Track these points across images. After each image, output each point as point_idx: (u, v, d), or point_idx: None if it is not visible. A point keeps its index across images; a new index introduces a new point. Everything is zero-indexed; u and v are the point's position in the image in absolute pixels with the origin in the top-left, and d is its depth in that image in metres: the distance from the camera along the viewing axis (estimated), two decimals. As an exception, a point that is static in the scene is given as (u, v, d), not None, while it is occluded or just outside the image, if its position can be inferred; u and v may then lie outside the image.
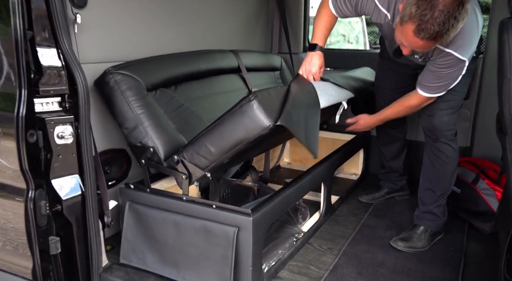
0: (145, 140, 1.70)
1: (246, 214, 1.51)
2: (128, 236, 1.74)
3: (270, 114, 1.42)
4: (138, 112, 1.71)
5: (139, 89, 1.75)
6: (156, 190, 1.71)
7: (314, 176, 2.04)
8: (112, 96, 1.70)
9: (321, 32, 1.87)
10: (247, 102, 1.44)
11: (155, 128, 1.73)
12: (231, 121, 1.48)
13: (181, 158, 1.62)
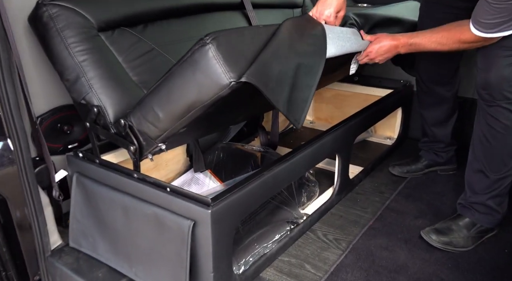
0: (88, 96, 1.30)
1: (204, 204, 1.10)
2: (77, 216, 1.41)
3: (234, 65, 0.95)
4: (79, 59, 1.29)
5: (83, 27, 1.32)
6: (106, 162, 1.34)
7: (323, 145, 1.56)
8: (47, 37, 1.29)
9: None
10: (200, 46, 0.97)
11: (103, 81, 1.32)
12: (179, 75, 1.03)
13: (129, 123, 1.21)
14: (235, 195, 1.16)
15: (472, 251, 1.46)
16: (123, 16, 1.45)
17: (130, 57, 1.44)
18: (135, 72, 1.44)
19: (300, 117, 1.09)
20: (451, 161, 1.99)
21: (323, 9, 1.38)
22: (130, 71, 1.42)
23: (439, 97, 1.82)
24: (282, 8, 2.19)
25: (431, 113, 1.87)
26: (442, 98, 1.81)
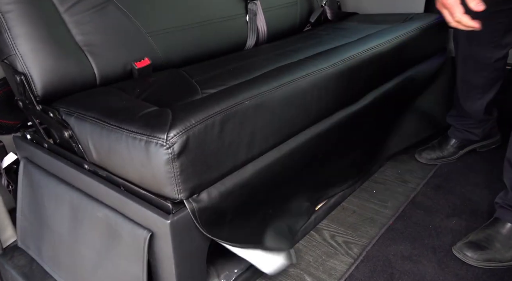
0: (12, 58, 1.03)
1: (163, 211, 0.82)
2: (24, 211, 1.16)
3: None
4: (3, 8, 1.01)
5: None
6: (55, 147, 1.07)
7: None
8: None
9: None
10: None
11: (34, 43, 1.03)
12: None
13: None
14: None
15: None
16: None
17: (75, 9, 1.15)
18: (81, 31, 1.15)
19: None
20: (492, 134, 1.66)
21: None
22: (73, 28, 1.13)
23: (484, 63, 1.45)
24: None
25: (468, 83, 1.52)
26: (488, 65, 1.45)
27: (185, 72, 1.23)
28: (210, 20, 1.49)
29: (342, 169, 1.38)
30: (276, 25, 1.75)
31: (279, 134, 1.04)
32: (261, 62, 1.29)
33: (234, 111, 0.90)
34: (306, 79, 1.09)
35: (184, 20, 1.40)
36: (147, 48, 1.29)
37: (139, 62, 1.23)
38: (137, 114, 0.88)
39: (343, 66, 1.22)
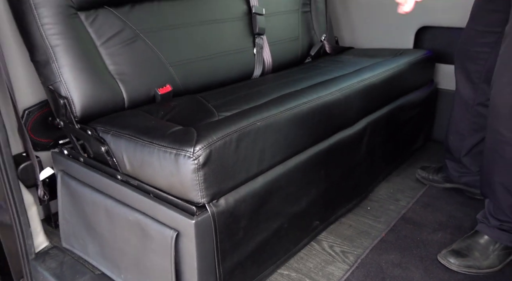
0: (57, 85, 1.21)
1: (187, 213, 0.98)
2: (66, 216, 1.32)
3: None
4: (52, 42, 1.19)
5: (61, 6, 1.21)
6: (90, 160, 1.23)
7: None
8: (19, 11, 1.19)
9: None
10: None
11: (76, 71, 1.22)
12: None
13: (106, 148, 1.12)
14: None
15: (499, 272, 1.29)
16: (106, -7, 1.34)
17: (109, 43, 1.33)
18: (113, 61, 1.33)
19: None
20: (474, 185, 1.66)
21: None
22: (107, 59, 1.31)
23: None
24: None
25: (453, 115, 1.65)
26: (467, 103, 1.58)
27: (202, 97, 1.41)
28: (223, 53, 1.68)
29: (345, 188, 1.53)
30: (280, 57, 1.94)
31: (285, 151, 1.20)
32: (268, 89, 1.46)
33: (248, 130, 1.07)
34: (307, 105, 1.26)
35: (200, 52, 1.59)
36: (168, 76, 1.47)
37: (162, 89, 1.41)
38: (166, 132, 1.05)
39: (340, 94, 1.41)
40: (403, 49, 2.05)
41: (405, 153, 1.97)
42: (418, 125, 2.00)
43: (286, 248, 1.30)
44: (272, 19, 1.91)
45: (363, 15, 2.24)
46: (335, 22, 2.34)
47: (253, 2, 1.82)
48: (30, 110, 1.40)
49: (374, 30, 2.22)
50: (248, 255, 1.13)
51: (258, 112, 1.15)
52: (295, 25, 2.04)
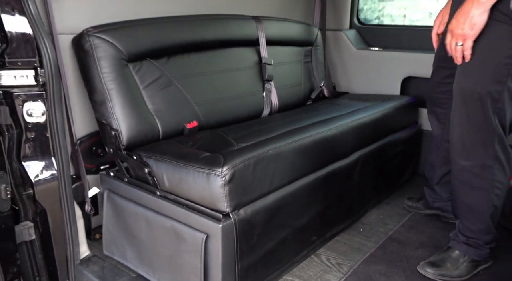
0: (109, 120, 1.52)
1: (215, 219, 1.25)
2: (109, 227, 1.59)
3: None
4: (108, 86, 1.52)
5: (116, 59, 1.55)
6: (133, 180, 1.52)
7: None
8: (85, 62, 1.53)
9: None
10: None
11: (124, 110, 1.54)
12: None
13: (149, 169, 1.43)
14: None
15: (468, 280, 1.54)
16: (149, 49, 1.67)
17: (150, 87, 1.66)
18: (152, 101, 1.65)
19: None
20: (449, 211, 1.88)
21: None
22: (147, 98, 1.64)
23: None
24: (295, 45, 2.38)
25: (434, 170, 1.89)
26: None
27: (222, 132, 1.72)
28: (238, 95, 2.01)
29: (340, 210, 1.80)
30: (285, 100, 2.27)
31: (291, 175, 1.49)
32: (277, 126, 1.78)
33: (262, 157, 1.36)
34: (310, 139, 1.57)
35: (220, 95, 1.92)
36: (194, 114, 1.79)
37: (189, 124, 1.73)
38: (199, 157, 1.35)
39: (337, 131, 1.72)
40: (391, 95, 2.39)
41: (393, 184, 2.26)
42: (404, 160, 2.29)
43: (290, 257, 1.56)
44: (279, 68, 2.25)
45: (357, 65, 2.60)
46: (332, 70, 2.69)
47: (263, 54, 2.18)
48: (81, 140, 1.70)
49: (366, 78, 2.57)
50: (260, 258, 1.40)
51: (270, 143, 1.46)
52: (298, 73, 2.39)
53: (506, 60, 1.26)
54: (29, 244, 1.55)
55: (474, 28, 1.23)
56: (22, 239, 1.50)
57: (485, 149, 1.37)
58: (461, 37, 1.27)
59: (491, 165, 1.38)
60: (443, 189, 1.90)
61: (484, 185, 1.43)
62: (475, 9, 1.22)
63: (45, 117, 1.44)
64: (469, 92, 1.34)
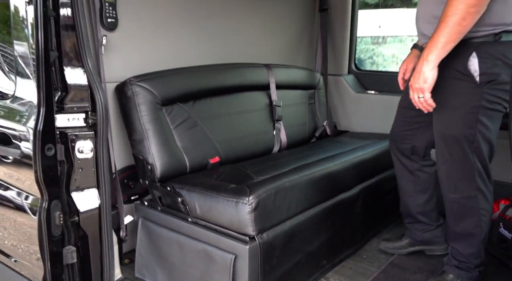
0: (146, 155, 1.75)
1: (242, 241, 1.46)
2: (142, 252, 1.77)
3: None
4: (146, 127, 1.76)
5: (153, 103, 1.80)
6: (166, 208, 1.73)
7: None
8: (127, 107, 1.78)
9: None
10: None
11: (159, 147, 1.78)
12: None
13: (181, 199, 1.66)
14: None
15: (461, 300, 1.74)
16: (179, 95, 1.94)
17: (179, 127, 1.90)
18: (180, 139, 1.89)
19: None
20: (438, 241, 2.00)
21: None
22: (177, 137, 1.87)
23: (413, 173, 1.92)
24: (300, 89, 2.66)
25: (406, 187, 1.97)
26: (418, 174, 1.92)
27: (241, 166, 1.95)
28: (252, 133, 2.25)
29: (346, 237, 2.01)
30: (293, 138, 2.51)
31: (304, 204, 1.72)
32: (288, 162, 2.01)
33: (281, 188, 1.59)
34: (318, 173, 1.81)
35: (237, 133, 2.16)
36: (215, 150, 2.02)
37: (212, 159, 1.96)
38: (226, 188, 1.58)
39: (340, 166, 1.96)
40: (387, 134, 2.64)
41: (392, 215, 2.47)
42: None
43: (303, 279, 1.75)
44: (287, 109, 2.52)
45: (355, 106, 2.88)
46: (333, 111, 2.97)
47: (273, 97, 2.45)
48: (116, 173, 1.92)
49: (364, 118, 2.84)
50: (278, 278, 1.59)
51: (285, 176, 1.69)
52: (303, 113, 2.65)
53: (472, 109, 1.49)
54: (70, 267, 1.73)
55: (427, 81, 1.44)
56: (66, 262, 1.69)
57: (468, 183, 1.60)
58: (419, 91, 1.48)
59: (476, 195, 1.61)
60: (429, 217, 2.01)
61: (471, 214, 1.65)
62: (425, 66, 1.42)
63: (92, 153, 1.67)
64: (448, 135, 1.59)
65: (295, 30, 2.82)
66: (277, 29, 2.68)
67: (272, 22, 2.62)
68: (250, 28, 2.49)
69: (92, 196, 1.72)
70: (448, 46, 1.39)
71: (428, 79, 1.43)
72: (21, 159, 1.56)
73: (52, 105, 1.53)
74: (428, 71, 1.42)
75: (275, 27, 2.65)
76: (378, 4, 10.10)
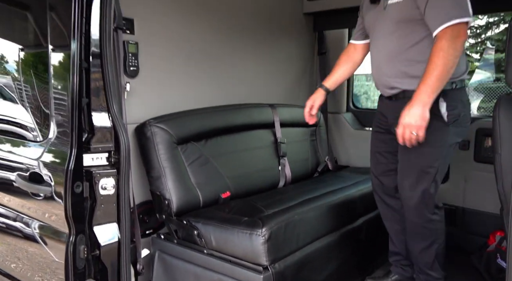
0: (163, 191, 1.88)
1: (257, 271, 1.57)
2: (157, 283, 1.87)
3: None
4: (164, 164, 1.90)
5: (170, 142, 1.95)
6: (182, 242, 1.84)
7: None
8: (146, 146, 1.92)
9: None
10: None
11: (175, 183, 1.91)
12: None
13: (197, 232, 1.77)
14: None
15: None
16: (193, 134, 2.09)
17: (193, 164, 2.04)
18: (194, 175, 2.02)
19: None
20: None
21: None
22: (191, 173, 2.01)
23: (392, 208, 2.00)
24: (302, 127, 2.79)
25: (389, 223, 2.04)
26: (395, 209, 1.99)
27: (251, 200, 2.08)
28: (259, 169, 2.39)
29: (352, 266, 2.10)
30: (296, 172, 2.64)
31: (312, 236, 1.83)
32: (294, 196, 2.14)
33: (291, 221, 1.72)
34: (323, 206, 1.94)
35: (245, 169, 2.30)
36: (226, 185, 2.15)
37: (224, 194, 2.08)
38: (240, 221, 1.70)
39: (343, 199, 2.09)
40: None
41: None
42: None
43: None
44: (290, 146, 2.66)
45: (355, 143, 3.04)
46: (334, 147, 3.13)
47: (278, 134, 2.61)
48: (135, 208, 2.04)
49: (363, 153, 2.96)
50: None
51: (294, 209, 1.82)
52: (306, 150, 2.81)
53: (442, 144, 1.70)
54: (90, 299, 1.82)
55: (425, 120, 1.56)
56: (86, 294, 1.77)
57: (431, 208, 1.79)
58: (416, 128, 1.57)
59: (433, 219, 1.80)
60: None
61: (431, 234, 1.82)
62: (425, 107, 1.55)
63: (114, 190, 1.79)
64: (421, 167, 1.74)
65: (296, 72, 3.04)
66: (280, 72, 2.88)
67: (275, 66, 2.83)
68: (255, 72, 2.69)
69: (112, 231, 1.83)
70: (440, 89, 1.58)
71: (426, 117, 1.58)
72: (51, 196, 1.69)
73: (81, 146, 1.67)
74: (426, 111, 1.57)
75: (278, 70, 2.86)
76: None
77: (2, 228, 1.94)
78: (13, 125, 1.91)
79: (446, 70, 1.54)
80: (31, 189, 1.70)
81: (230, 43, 2.48)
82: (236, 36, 2.51)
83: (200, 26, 2.30)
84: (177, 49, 2.19)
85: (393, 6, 1.70)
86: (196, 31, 2.28)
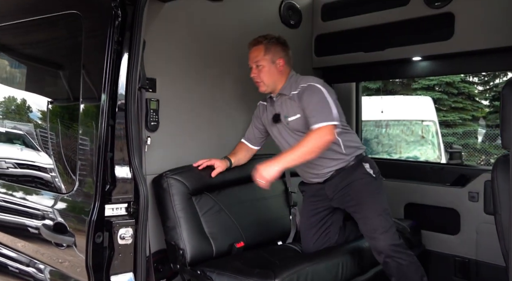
0: (178, 241, 1.94)
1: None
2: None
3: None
4: (179, 214, 1.97)
5: (185, 194, 2.03)
6: (196, 290, 1.88)
7: None
8: (162, 197, 2.01)
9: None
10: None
11: (189, 233, 1.97)
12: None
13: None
14: None
15: None
16: (206, 185, 2.17)
17: (206, 214, 2.11)
18: (207, 225, 2.09)
19: None
20: None
21: None
22: (204, 223, 2.07)
23: None
24: None
25: None
26: None
27: (264, 252, 2.12)
28: (270, 219, 2.44)
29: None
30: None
31: (324, 287, 1.86)
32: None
33: (302, 272, 1.76)
34: (334, 257, 1.97)
35: (257, 218, 2.35)
36: (239, 234, 2.20)
37: (238, 243, 2.13)
38: (254, 272, 1.74)
39: (355, 249, 2.11)
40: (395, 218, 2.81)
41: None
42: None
43: None
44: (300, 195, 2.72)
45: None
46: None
47: (288, 184, 2.68)
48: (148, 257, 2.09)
49: (373, 203, 3.03)
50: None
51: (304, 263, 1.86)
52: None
53: (379, 191, 2.13)
54: None
55: (272, 176, 1.95)
56: None
57: (392, 236, 2.01)
58: (266, 180, 1.96)
59: (401, 243, 2.03)
60: None
61: (403, 256, 2.00)
62: (277, 167, 1.95)
63: (132, 239, 1.86)
64: (381, 210, 2.07)
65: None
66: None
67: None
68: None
69: (128, 280, 1.88)
70: (292, 164, 2.06)
71: (275, 175, 1.95)
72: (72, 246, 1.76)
73: (104, 198, 1.77)
74: (276, 170, 1.94)
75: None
76: (379, 89, 10.78)
77: (15, 273, 2.01)
78: (38, 177, 2.03)
79: (304, 152, 1.98)
80: (55, 239, 1.78)
81: (244, 97, 2.63)
82: (251, 90, 2.66)
83: (216, 82, 2.47)
84: (194, 104, 2.33)
85: (293, 121, 2.16)
86: (212, 87, 2.44)
